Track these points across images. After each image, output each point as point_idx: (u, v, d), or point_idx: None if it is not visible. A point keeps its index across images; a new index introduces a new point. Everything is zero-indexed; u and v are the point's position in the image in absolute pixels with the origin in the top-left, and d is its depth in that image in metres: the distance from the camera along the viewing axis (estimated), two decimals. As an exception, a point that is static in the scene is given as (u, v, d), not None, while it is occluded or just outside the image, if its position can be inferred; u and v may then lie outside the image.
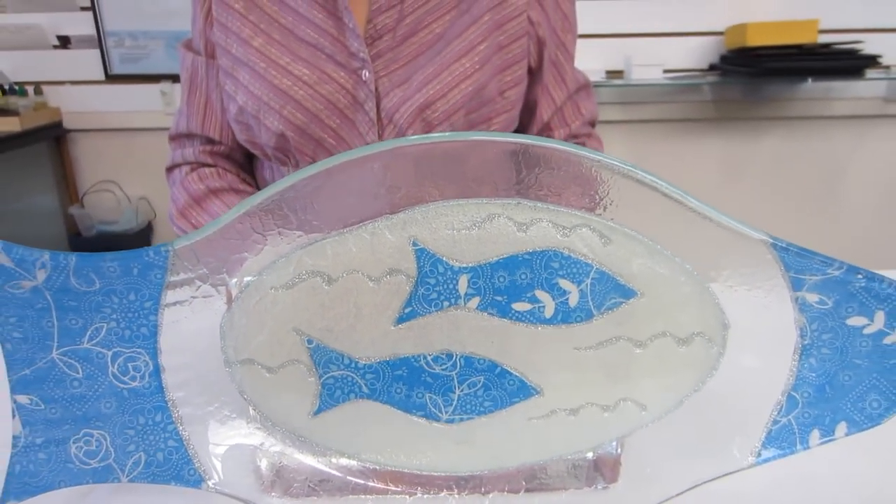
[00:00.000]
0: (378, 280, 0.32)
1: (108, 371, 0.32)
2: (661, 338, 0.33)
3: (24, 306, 0.30)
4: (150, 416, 0.32)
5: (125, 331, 0.31)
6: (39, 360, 0.31)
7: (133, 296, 0.31)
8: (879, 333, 0.31)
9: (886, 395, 0.32)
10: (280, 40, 0.72)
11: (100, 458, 0.32)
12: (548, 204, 0.31)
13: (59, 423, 0.32)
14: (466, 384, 0.33)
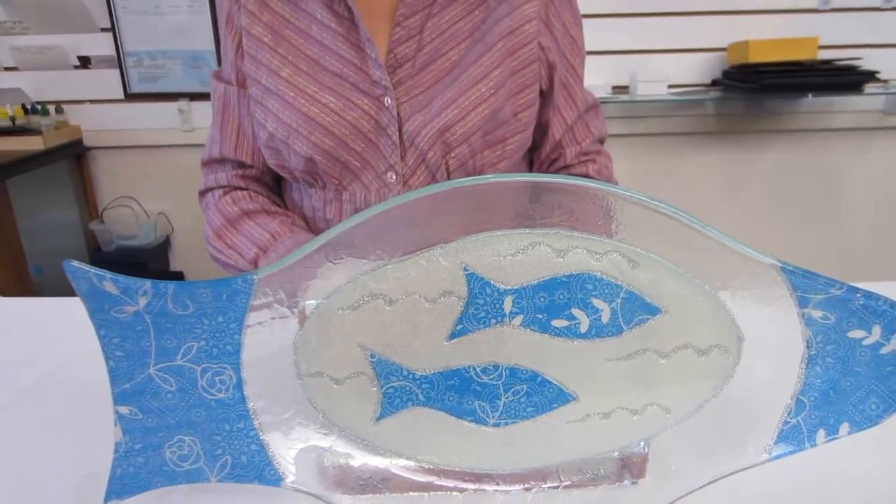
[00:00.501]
0: (433, 301, 0.36)
1: (198, 384, 0.36)
2: (682, 350, 0.37)
3: (126, 328, 0.35)
4: (234, 424, 0.37)
5: (213, 349, 0.35)
6: (138, 375, 0.35)
7: (221, 318, 0.35)
8: (877, 345, 0.35)
9: (884, 398, 0.36)
10: (307, 70, 0.76)
11: (191, 461, 0.36)
12: (582, 233, 0.36)
13: (156, 431, 0.36)
14: (511, 392, 0.37)
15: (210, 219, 0.83)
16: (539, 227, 0.36)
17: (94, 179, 1.96)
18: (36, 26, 1.83)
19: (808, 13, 1.79)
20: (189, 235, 2.04)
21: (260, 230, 0.78)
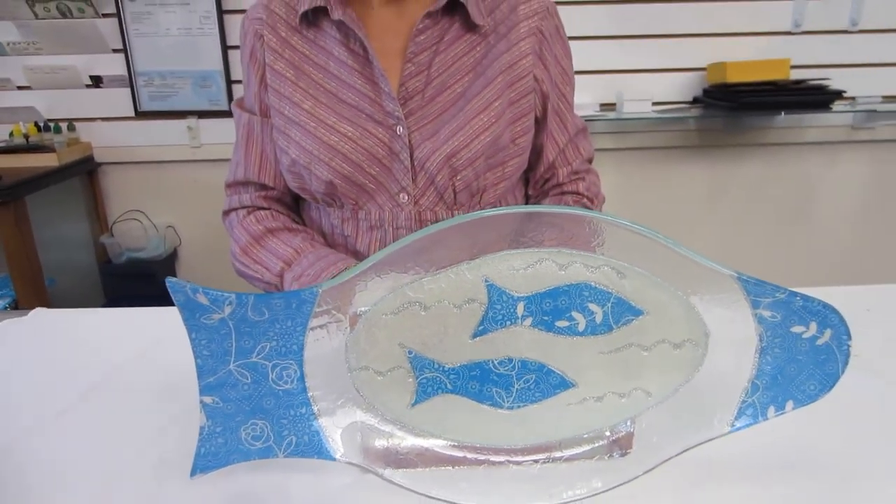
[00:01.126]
0: (460, 306, 0.44)
1: (269, 377, 0.44)
2: (661, 344, 0.45)
3: (212, 332, 0.43)
4: (297, 410, 0.44)
5: (282, 348, 0.43)
6: (220, 370, 0.43)
7: (290, 322, 0.43)
8: (814, 337, 0.44)
9: (820, 381, 0.45)
10: (326, 103, 0.84)
11: (262, 441, 0.44)
12: (579, 250, 0.44)
13: (233, 416, 0.44)
14: (522, 380, 0.45)
15: (236, 237, 0.90)
16: (545, 247, 0.44)
17: (104, 194, 2.03)
18: (49, 47, 1.90)
19: (781, 35, 1.89)
20: (196, 247, 2.10)
21: (284, 246, 0.85)
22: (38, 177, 1.67)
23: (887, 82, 1.95)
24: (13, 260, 1.57)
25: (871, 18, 1.89)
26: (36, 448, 0.53)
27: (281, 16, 0.86)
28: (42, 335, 0.77)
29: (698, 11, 1.88)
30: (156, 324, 0.80)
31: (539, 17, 0.85)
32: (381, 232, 0.85)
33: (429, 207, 0.84)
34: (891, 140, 2.01)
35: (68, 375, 0.66)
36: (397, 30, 0.83)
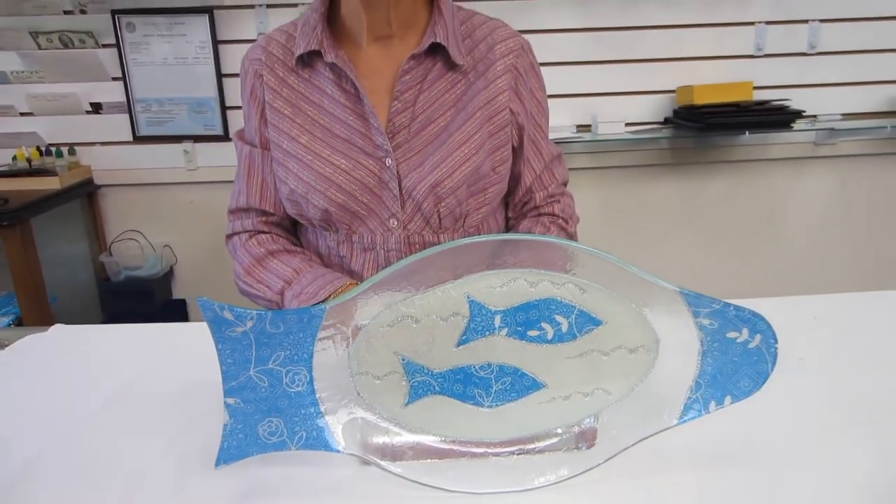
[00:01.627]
0: (446, 319, 0.51)
1: (283, 381, 0.50)
2: (618, 349, 0.53)
3: (235, 343, 0.49)
4: (307, 409, 0.51)
5: (294, 356, 0.50)
6: (242, 375, 0.50)
7: (301, 334, 0.50)
8: (746, 342, 0.51)
9: (753, 379, 0.52)
10: (321, 137, 0.90)
11: (277, 436, 0.51)
12: (549, 270, 0.51)
13: (252, 415, 0.51)
14: (500, 382, 0.52)
15: (239, 258, 0.96)
16: (518, 267, 0.51)
17: (103, 215, 2.08)
18: (51, 75, 1.96)
19: (745, 59, 1.99)
20: (192, 266, 2.15)
21: (284, 267, 0.92)
22: (42, 199, 1.73)
23: (846, 101, 2.05)
24: (18, 279, 1.62)
25: (828, 42, 1.99)
26: (69, 448, 0.59)
27: (279, 57, 0.93)
28: (63, 349, 0.83)
29: (667, 37, 1.97)
30: (165, 338, 0.86)
31: (514, 56, 0.93)
32: (374, 254, 0.92)
33: (416, 231, 0.90)
34: (851, 155, 2.10)
35: (90, 385, 0.72)
36: (384, 70, 0.90)
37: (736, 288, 2.16)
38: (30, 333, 0.87)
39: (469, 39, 0.92)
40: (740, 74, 1.95)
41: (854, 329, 0.79)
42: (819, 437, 0.57)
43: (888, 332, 0.78)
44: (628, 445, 0.53)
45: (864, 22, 1.98)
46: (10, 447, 0.59)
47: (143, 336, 0.87)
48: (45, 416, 0.66)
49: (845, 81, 2.03)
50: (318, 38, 0.88)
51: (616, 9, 1.94)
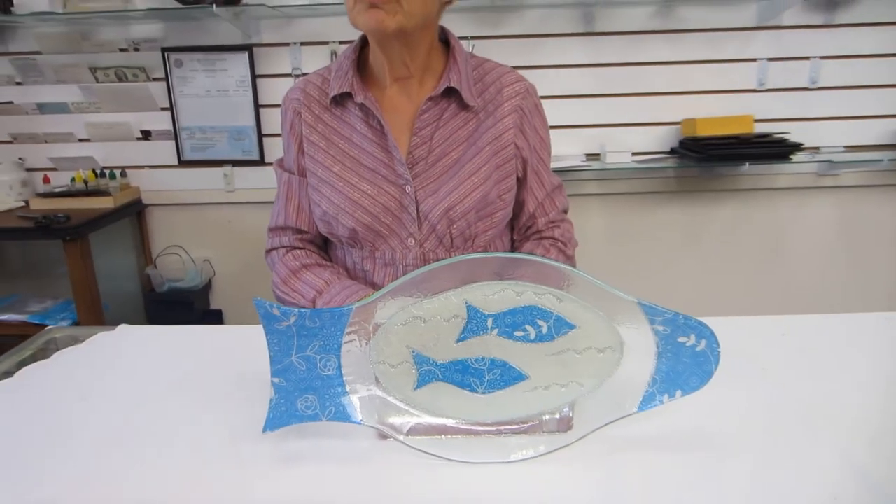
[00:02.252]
0: (448, 320, 0.62)
1: (317, 366, 0.62)
2: (589, 349, 0.63)
3: (281, 334, 0.61)
4: (335, 389, 0.63)
5: (326, 346, 0.62)
6: (285, 360, 0.62)
7: (333, 329, 0.62)
8: (693, 346, 0.62)
9: (699, 377, 0.62)
10: (350, 166, 1.03)
11: (311, 409, 0.63)
12: (531, 283, 0.62)
13: (292, 392, 0.63)
14: (491, 373, 0.64)
15: (277, 270, 1.09)
16: (507, 280, 0.62)
17: (149, 231, 2.24)
18: (107, 106, 2.13)
19: (747, 93, 2.08)
20: (229, 278, 2.30)
21: (316, 278, 1.04)
22: (98, 217, 1.89)
23: (848, 134, 2.13)
24: (77, 288, 1.77)
25: (829, 77, 2.08)
26: (143, 421, 0.71)
27: (315, 97, 1.06)
28: (129, 345, 0.95)
29: (672, 73, 2.07)
30: (213, 339, 0.98)
31: (520, 98, 1.05)
32: (394, 268, 1.04)
33: (431, 249, 1.03)
34: (854, 186, 2.17)
35: (154, 374, 0.84)
36: (406, 109, 1.03)
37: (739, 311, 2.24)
38: (100, 332, 1.00)
39: (480, 83, 1.04)
40: (743, 108, 2.05)
41: (822, 347, 0.86)
42: (764, 432, 0.66)
43: (856, 350, 0.85)
44: (596, 428, 0.64)
45: (863, 59, 2.06)
46: (96, 421, 0.72)
47: (195, 336, 1.00)
48: (120, 397, 0.78)
49: (846, 115, 2.11)
50: (349, 82, 1.01)
51: (623, 46, 2.05)
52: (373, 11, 0.89)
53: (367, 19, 0.90)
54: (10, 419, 0.73)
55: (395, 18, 0.90)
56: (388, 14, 0.89)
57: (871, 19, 2.03)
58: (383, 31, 0.91)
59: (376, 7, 0.88)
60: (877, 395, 0.73)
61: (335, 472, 0.61)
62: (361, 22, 0.91)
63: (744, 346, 0.83)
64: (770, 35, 2.05)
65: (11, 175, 2.08)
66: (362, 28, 0.93)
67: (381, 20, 0.89)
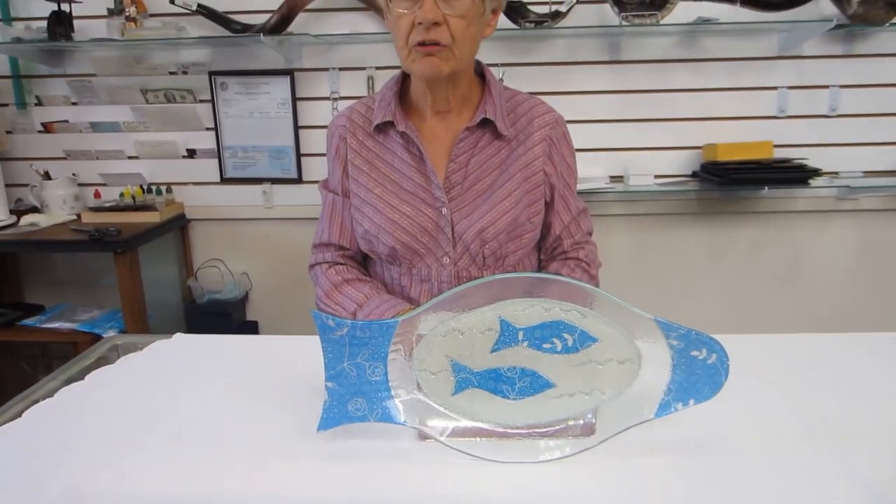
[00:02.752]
0: (483, 333, 0.69)
1: (366, 372, 0.70)
2: (610, 361, 0.69)
3: (335, 343, 0.69)
4: (382, 393, 0.70)
5: (374, 354, 0.69)
6: (338, 366, 0.69)
7: (380, 339, 0.69)
8: (705, 359, 0.68)
9: (711, 387, 0.68)
10: (391, 189, 1.11)
11: (361, 411, 0.70)
12: (559, 300, 0.69)
13: (344, 395, 0.70)
14: (521, 381, 0.70)
15: (321, 284, 1.17)
16: (536, 297, 0.69)
17: (191, 244, 2.35)
18: (155, 125, 2.24)
19: (768, 119, 2.13)
20: (265, 291, 2.39)
21: (357, 293, 1.12)
22: (146, 231, 1.99)
23: (867, 159, 2.16)
24: (125, 298, 1.87)
25: (847, 106, 2.12)
26: (207, 420, 0.79)
27: (359, 124, 1.15)
28: (186, 351, 1.03)
29: (695, 100, 2.12)
30: (260, 347, 1.06)
31: (549, 128, 1.12)
32: (429, 284, 1.11)
33: (464, 268, 1.10)
34: (873, 209, 2.19)
35: (212, 378, 0.91)
36: (444, 138, 1.11)
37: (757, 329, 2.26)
38: (158, 339, 1.09)
39: (512, 114, 1.12)
40: (763, 134, 2.09)
41: (830, 364, 0.91)
42: (769, 439, 0.72)
43: (863, 367, 0.90)
44: (617, 432, 0.70)
45: (881, 88, 2.10)
46: (164, 420, 0.80)
47: (243, 344, 1.07)
48: (182, 399, 0.86)
49: (865, 142, 2.14)
50: (391, 112, 1.09)
51: (648, 74, 2.12)
52: (428, 59, 0.97)
53: (422, 67, 0.98)
54: (86, 419, 0.81)
55: (448, 63, 0.98)
56: (442, 60, 0.98)
57: (888, 50, 2.07)
58: (438, 76, 0.99)
59: (431, 55, 0.97)
60: (881, 408, 0.78)
61: (380, 469, 0.68)
62: (417, 69, 1.00)
63: (755, 361, 0.88)
64: (791, 64, 2.09)
65: (65, 190, 2.20)
66: (418, 75, 1.02)
67: (436, 67, 0.98)
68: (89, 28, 2.11)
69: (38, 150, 2.30)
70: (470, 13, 0.98)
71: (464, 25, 0.98)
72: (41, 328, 2.05)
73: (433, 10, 0.95)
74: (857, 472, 0.65)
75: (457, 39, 0.98)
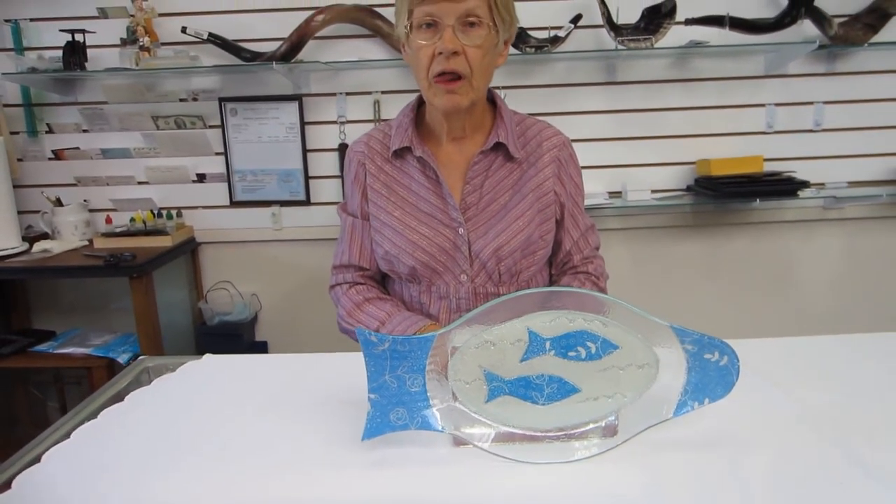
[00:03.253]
0: (513, 343, 0.75)
1: (406, 384, 0.75)
2: (630, 366, 0.75)
3: (377, 357, 0.74)
4: (421, 402, 0.75)
5: (413, 367, 0.75)
6: (380, 379, 0.75)
7: (419, 352, 0.74)
8: (717, 361, 0.74)
9: (724, 386, 0.74)
10: (410, 212, 1.17)
11: (402, 420, 0.75)
12: (581, 312, 0.75)
13: (386, 406, 0.75)
14: (549, 388, 0.75)
15: (343, 304, 1.22)
16: (561, 309, 0.75)
17: (201, 267, 2.38)
18: (166, 151, 2.28)
19: (757, 135, 2.21)
20: (275, 312, 2.42)
21: (378, 311, 1.17)
22: (159, 255, 2.03)
23: (851, 171, 2.24)
24: (141, 321, 1.91)
25: (831, 121, 2.21)
26: (246, 435, 0.83)
27: (377, 150, 1.20)
28: (217, 371, 1.07)
29: (688, 117, 2.21)
30: (286, 365, 1.09)
31: (558, 150, 1.19)
32: (448, 301, 1.17)
33: (481, 284, 1.15)
34: (858, 218, 2.27)
35: (244, 395, 0.95)
36: (459, 161, 1.17)
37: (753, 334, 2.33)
38: (188, 360, 1.13)
39: (522, 137, 1.18)
40: (753, 149, 2.17)
41: (827, 363, 0.98)
42: (778, 432, 0.78)
43: (859, 365, 0.97)
44: (639, 431, 0.76)
45: (862, 103, 2.19)
46: (207, 434, 0.84)
47: (271, 363, 1.11)
48: (220, 414, 0.90)
49: (848, 154, 2.23)
50: (409, 137, 1.15)
51: (643, 94, 2.20)
52: (450, 96, 1.04)
53: (444, 102, 1.05)
54: (131, 438, 0.84)
55: (467, 97, 1.05)
56: (462, 95, 1.05)
57: (868, 68, 2.17)
58: (458, 109, 1.06)
59: (453, 92, 1.03)
60: (876, 401, 0.85)
61: (419, 474, 0.73)
62: (439, 103, 1.06)
63: (758, 363, 0.94)
64: (777, 83, 2.18)
65: (77, 216, 2.24)
66: (439, 108, 1.08)
67: (457, 102, 1.05)
68: (101, 57, 2.16)
69: (48, 177, 2.33)
70: (485, 43, 1.05)
71: (480, 55, 1.04)
72: (54, 354, 2.07)
73: (452, 40, 1.02)
74: (860, 459, 0.71)
75: (474, 69, 1.04)
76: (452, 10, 1.02)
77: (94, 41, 2.13)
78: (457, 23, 1.03)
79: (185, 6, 2.16)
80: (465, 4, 1.02)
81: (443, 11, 1.02)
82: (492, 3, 1.05)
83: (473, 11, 1.03)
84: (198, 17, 2.15)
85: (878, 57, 2.15)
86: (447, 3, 1.02)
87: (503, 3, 1.07)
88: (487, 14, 1.04)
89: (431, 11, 1.03)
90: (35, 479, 0.74)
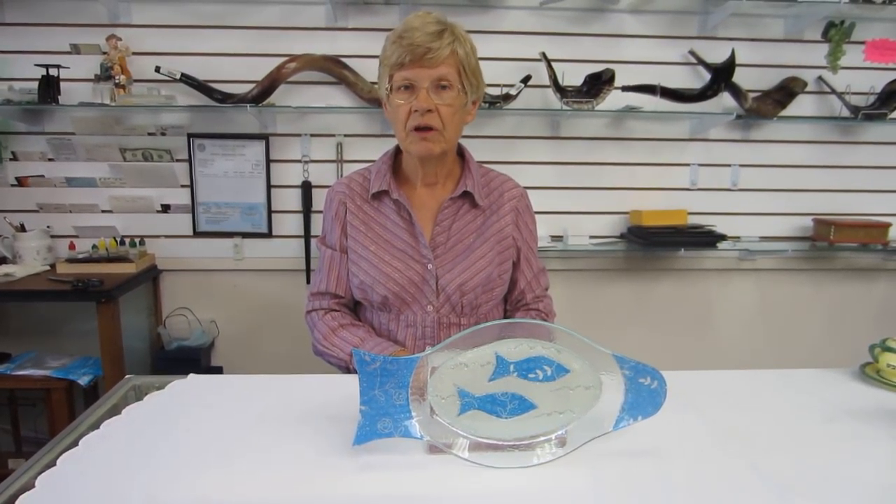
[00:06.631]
0: (483, 365, 0.87)
1: (392, 398, 0.87)
2: (579, 387, 0.89)
3: (369, 375, 0.85)
4: (405, 414, 0.87)
5: (399, 383, 0.86)
6: (370, 392, 0.86)
7: (404, 371, 0.86)
8: (649, 385, 0.89)
9: (653, 406, 0.89)
10: (384, 247, 1.30)
11: (388, 429, 0.86)
12: (539, 340, 0.88)
13: (375, 416, 0.86)
14: (512, 404, 0.88)
15: (318, 328, 1.32)
16: (522, 338, 0.88)
17: (161, 294, 2.41)
18: (131, 182, 2.32)
19: (682, 191, 2.43)
20: (231, 338, 2.46)
21: (352, 336, 1.28)
22: (125, 282, 2.06)
23: (763, 226, 2.49)
24: (105, 346, 1.94)
25: (746, 181, 2.46)
26: (243, 445, 0.93)
27: (357, 192, 1.33)
28: (204, 389, 1.15)
29: (622, 172, 2.41)
30: (271, 385, 1.17)
31: (516, 200, 1.34)
32: (414, 329, 1.29)
33: (445, 315, 1.28)
34: (768, 269, 2.52)
35: (234, 411, 1.04)
36: (430, 205, 1.31)
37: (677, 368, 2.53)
38: (174, 380, 1.20)
39: (486, 188, 1.33)
40: (678, 203, 2.40)
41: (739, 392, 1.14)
42: (692, 445, 0.94)
43: (765, 394, 1.13)
44: (585, 442, 0.89)
45: (773, 168, 2.46)
46: (205, 446, 0.93)
47: (256, 382, 1.19)
48: (215, 428, 0.98)
49: (761, 212, 2.48)
50: (386, 182, 1.29)
51: (584, 149, 2.40)
52: (423, 142, 1.18)
53: (419, 148, 1.19)
54: (129, 450, 0.90)
55: (439, 145, 1.19)
56: (434, 143, 1.19)
57: (777, 138, 2.45)
58: (431, 155, 1.20)
59: (426, 140, 1.18)
60: (773, 424, 1.01)
61: (399, 476, 0.83)
62: (414, 150, 1.20)
63: (680, 390, 1.09)
64: (700, 145, 2.43)
65: (39, 241, 2.24)
66: (414, 154, 1.22)
67: (430, 148, 1.19)
68: (72, 90, 2.19)
69: (9, 203, 2.32)
70: (455, 103, 1.20)
71: (451, 113, 1.19)
72: (11, 375, 2.05)
73: (427, 100, 1.17)
74: (759, 467, 0.87)
75: (446, 123, 1.19)
76: (427, 75, 1.17)
77: (67, 75, 2.17)
78: (430, 86, 1.18)
79: (158, 47, 2.23)
80: (438, 70, 1.17)
81: (418, 76, 1.17)
82: (461, 70, 1.20)
83: (445, 77, 1.18)
84: (171, 57, 2.23)
85: (785, 128, 2.43)
86: (422, 69, 1.17)
87: (471, 70, 1.23)
88: (457, 79, 1.20)
89: (409, 76, 1.18)
90: (54, 481, 0.81)
